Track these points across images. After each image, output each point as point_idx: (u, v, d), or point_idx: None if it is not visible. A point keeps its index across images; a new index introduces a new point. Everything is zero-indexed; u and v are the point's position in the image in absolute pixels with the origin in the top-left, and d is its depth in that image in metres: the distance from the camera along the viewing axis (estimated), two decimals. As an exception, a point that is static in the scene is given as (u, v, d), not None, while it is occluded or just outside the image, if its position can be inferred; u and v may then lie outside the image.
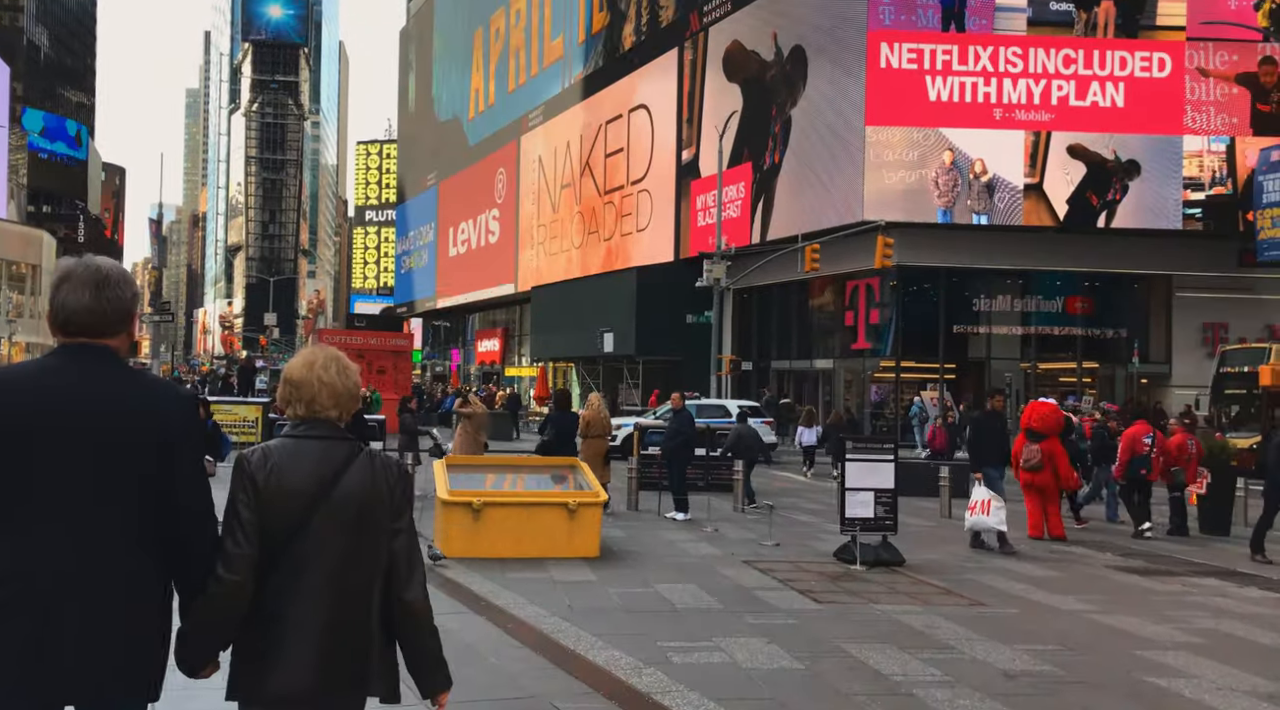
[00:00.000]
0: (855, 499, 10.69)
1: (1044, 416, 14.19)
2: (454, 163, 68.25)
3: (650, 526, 13.27)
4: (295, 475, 2.75)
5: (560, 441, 13.36)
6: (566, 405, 14.22)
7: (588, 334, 41.78)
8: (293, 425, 2.91)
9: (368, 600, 2.77)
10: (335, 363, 2.93)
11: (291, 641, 2.68)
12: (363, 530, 2.77)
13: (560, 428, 13.55)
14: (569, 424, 13.92)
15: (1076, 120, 32.73)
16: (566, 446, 13.36)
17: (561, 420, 13.72)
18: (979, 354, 36.11)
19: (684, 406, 15.06)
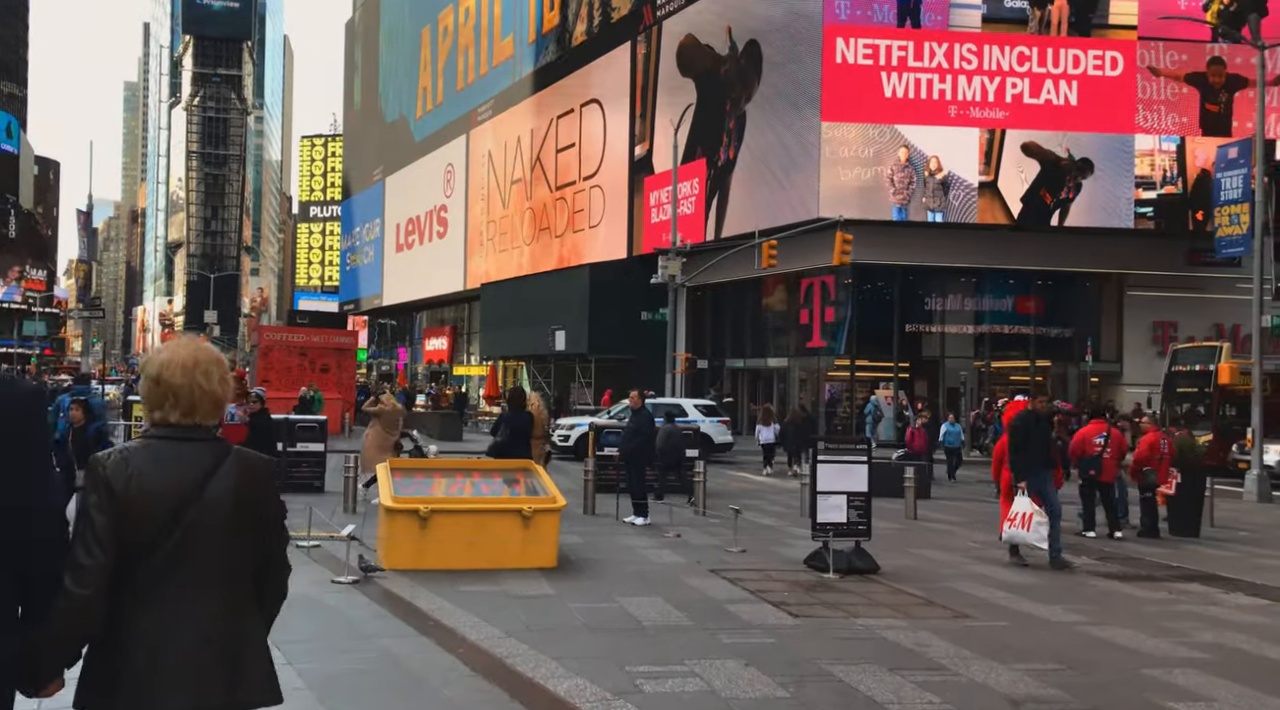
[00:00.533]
0: (827, 503, 10.12)
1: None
2: (401, 158, 66.96)
3: (609, 532, 12.60)
4: (159, 479, 2.59)
5: (514, 443, 12.65)
6: (521, 404, 13.50)
7: (539, 332, 40.99)
8: (153, 427, 2.70)
9: (242, 606, 2.67)
10: (217, 368, 2.77)
11: (158, 656, 2.52)
12: (235, 535, 2.64)
13: (515, 428, 12.85)
14: (524, 424, 13.21)
15: (1030, 118, 32.66)
16: (521, 448, 12.67)
17: (516, 420, 13.01)
18: (933, 353, 35.97)
19: (643, 405, 14.41)
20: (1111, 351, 35.52)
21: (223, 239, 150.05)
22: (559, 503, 10.02)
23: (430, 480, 10.51)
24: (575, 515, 13.51)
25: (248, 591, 2.71)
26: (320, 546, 10.64)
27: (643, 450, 14.03)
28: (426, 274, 60.79)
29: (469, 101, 57.42)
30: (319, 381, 31.27)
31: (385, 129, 70.74)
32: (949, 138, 32.46)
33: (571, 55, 46.81)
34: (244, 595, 2.70)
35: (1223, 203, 21.12)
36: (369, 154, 73.92)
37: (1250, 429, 20.75)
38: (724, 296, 40.12)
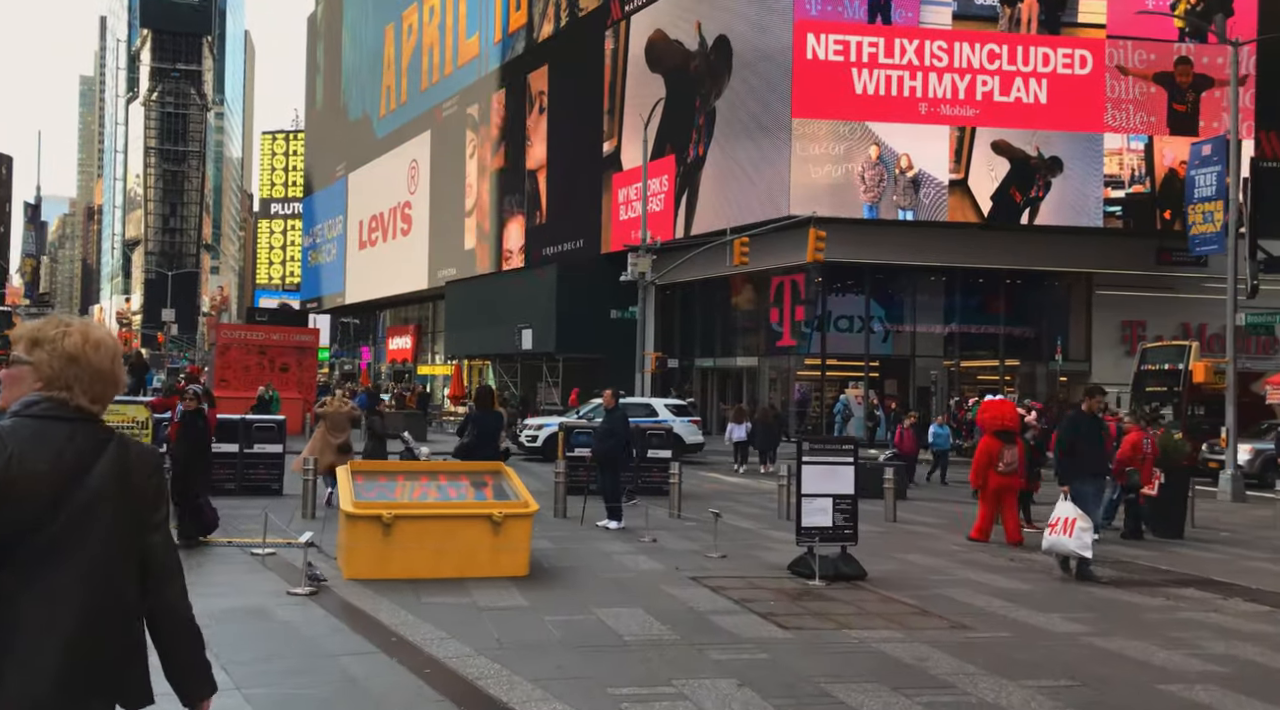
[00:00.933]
0: (812, 506, 9.67)
1: (1013, 417, 13.62)
2: (364, 154, 65.93)
3: (582, 536, 12.08)
4: (39, 462, 2.40)
5: (482, 444, 12.09)
6: (489, 403, 12.93)
7: (505, 331, 40.35)
8: (32, 404, 2.47)
9: (121, 601, 2.51)
10: (116, 354, 2.61)
11: (26, 649, 2.35)
12: (116, 525, 2.49)
13: (483, 428, 12.28)
14: (493, 424, 12.65)
15: (1001, 116, 32.51)
16: (489, 449, 12.11)
17: (484, 420, 12.45)
18: (903, 351, 35.73)
19: (617, 405, 13.87)
20: (1080, 350, 35.47)
21: (182, 236, 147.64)
22: (531, 507, 9.48)
23: (394, 484, 9.93)
24: (546, 519, 12.98)
25: (124, 586, 2.54)
26: (276, 554, 10.04)
27: (617, 452, 13.53)
28: (390, 272, 59.87)
29: (434, 99, 56.60)
30: (278, 381, 30.44)
31: (348, 125, 69.68)
32: (919, 135, 32.24)
33: (539, 50, 46.16)
34: (118, 590, 2.52)
35: (1196, 200, 20.97)
36: (331, 150, 72.79)
37: (1224, 428, 20.61)
38: (693, 295, 39.69)
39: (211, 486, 13.81)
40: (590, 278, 38.38)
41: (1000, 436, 12.98)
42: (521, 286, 41.62)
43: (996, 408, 13.62)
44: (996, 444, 13.01)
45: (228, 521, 12.71)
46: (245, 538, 11.07)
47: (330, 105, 74.18)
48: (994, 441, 13.02)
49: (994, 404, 13.74)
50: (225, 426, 16.39)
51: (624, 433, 13.50)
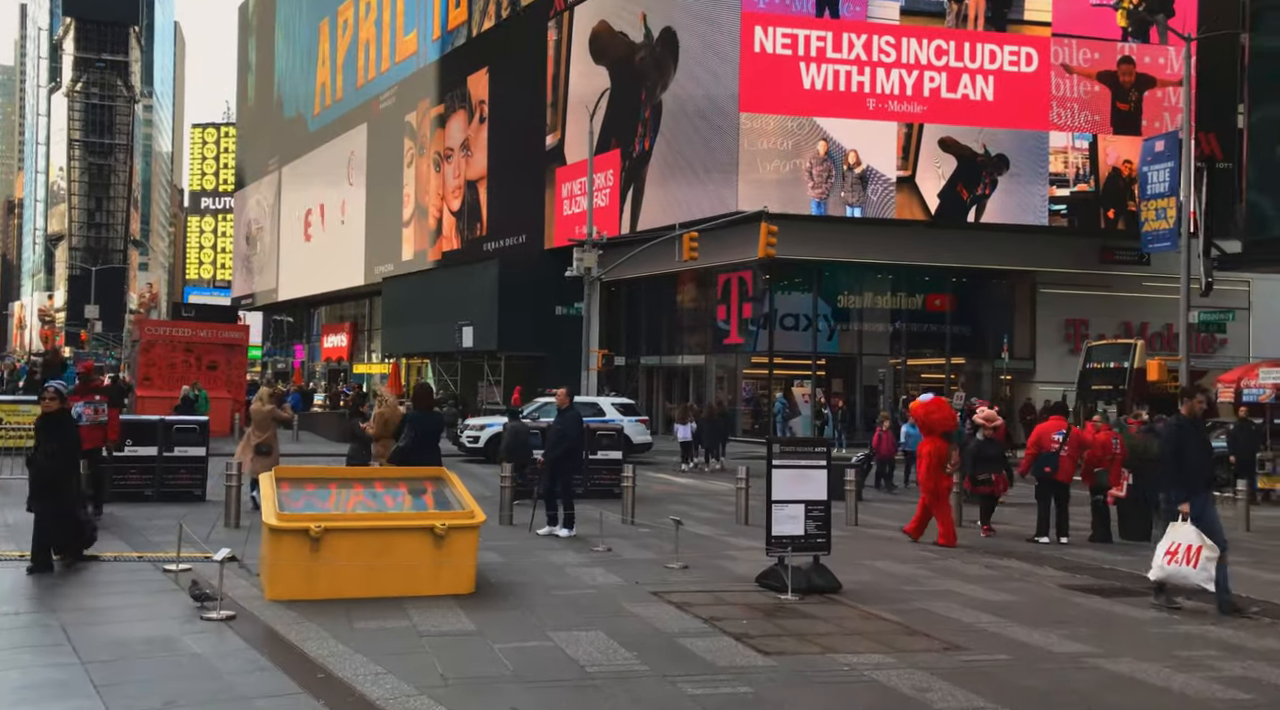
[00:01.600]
0: (783, 513, 8.95)
1: (953, 418, 13.25)
2: (298, 147, 64.10)
3: (531, 546, 11.23)
4: None
5: (422, 447, 11.17)
6: (428, 403, 12.01)
7: (445, 328, 39.21)
8: None
9: None
10: None
11: None
12: None
13: (422, 430, 11.36)
14: (432, 426, 11.72)
15: (948, 113, 32.27)
16: (429, 453, 11.19)
17: (423, 422, 11.52)
18: (850, 349, 35.35)
19: (571, 405, 12.98)
20: (1024, 349, 35.42)
21: (108, 232, 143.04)
22: (477, 518, 8.62)
23: (324, 492, 8.98)
24: (492, 527, 12.08)
25: None
26: (191, 570, 9.03)
27: (572, 455, 12.63)
28: (325, 268, 58.18)
29: (370, 94, 55.10)
30: (206, 380, 29.04)
31: (281, 118, 67.76)
32: (867, 131, 31.85)
33: (479, 42, 45.02)
34: None
35: (1149, 197, 20.77)
36: (264, 143, 70.73)
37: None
38: (639, 292, 38.96)
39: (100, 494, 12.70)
40: (533, 274, 37.44)
41: (948, 437, 12.72)
42: (462, 283, 40.49)
43: (942, 407, 13.10)
44: (945, 445, 12.65)
45: (142, 531, 11.65)
46: (157, 552, 10.03)
47: (263, 98, 72.10)
48: (944, 443, 12.62)
49: (935, 403, 13.14)
50: (142, 428, 15.26)
51: (577, 435, 12.64)
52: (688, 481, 20.86)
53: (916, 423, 12.90)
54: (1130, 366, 28.53)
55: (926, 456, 12.53)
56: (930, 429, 12.66)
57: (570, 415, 12.61)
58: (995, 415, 13.68)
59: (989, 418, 13.28)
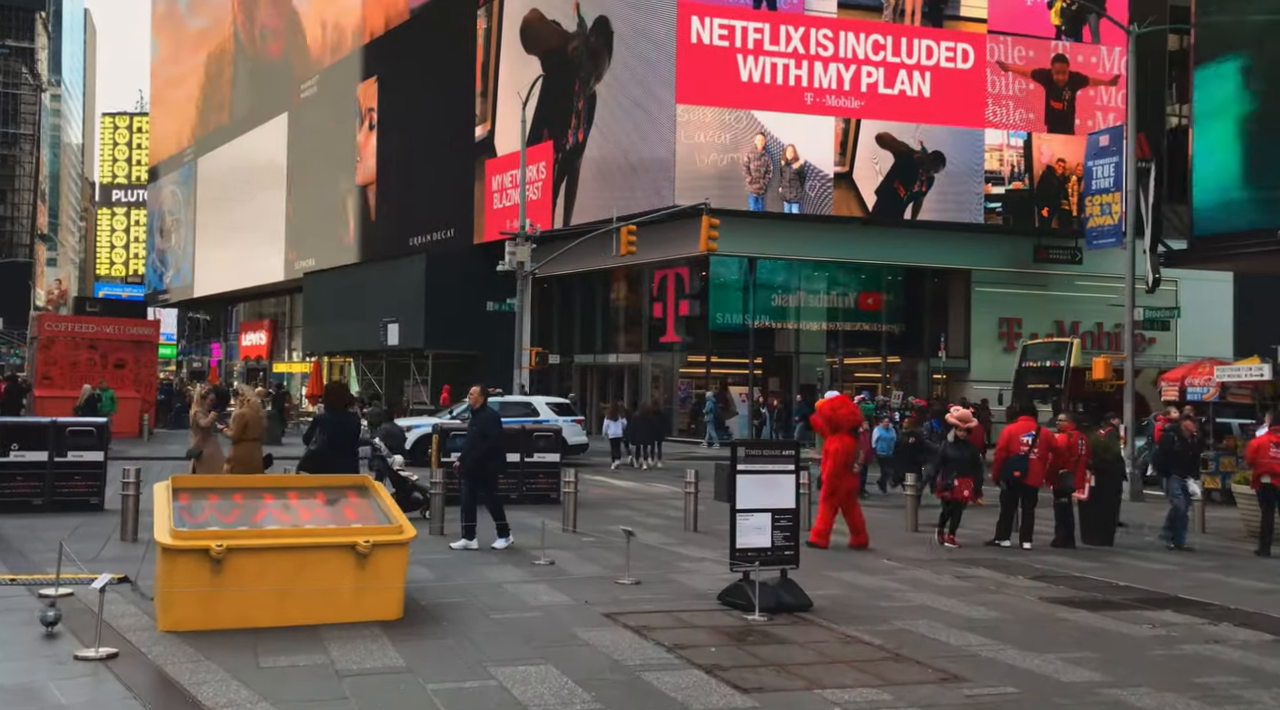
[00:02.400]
0: (748, 524, 8.10)
1: (857, 414, 12.87)
2: (216, 137, 61.68)
3: (465, 560, 10.22)
4: None
5: (337, 452, 10.06)
6: (344, 403, 10.88)
7: (369, 325, 37.74)
8: None
9: None
10: None
11: None
12: None
13: (336, 432, 10.23)
14: (348, 428, 10.59)
15: (885, 108, 31.91)
16: (346, 459, 10.10)
17: (338, 424, 10.40)
18: (786, 348, 34.82)
19: (486, 404, 11.95)
20: (959, 347, 35.22)
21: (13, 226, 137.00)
22: (406, 533, 7.59)
23: (228, 504, 7.87)
24: (421, 537, 11.02)
25: None
26: (74, 594, 7.84)
27: (493, 457, 11.62)
28: (244, 263, 56.02)
29: (292, 80, 53.11)
30: (113, 379, 27.37)
31: (197, 107, 65.17)
32: (805, 126, 31.33)
33: (406, 29, 43.53)
34: None
35: (1094, 192, 20.48)
36: (179, 133, 68.00)
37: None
38: (572, 289, 37.98)
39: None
40: (462, 269, 36.24)
41: (854, 433, 12.40)
42: (387, 278, 39.04)
43: (846, 403, 12.61)
44: (853, 442, 12.28)
45: (22, 547, 10.36)
46: (37, 573, 8.80)
47: (177, 86, 69.31)
48: (851, 440, 12.19)
49: (839, 400, 12.64)
50: (29, 431, 13.86)
51: (497, 435, 11.56)
52: (628, 484, 19.97)
53: (823, 420, 12.31)
54: (1066, 365, 28.39)
55: (832, 454, 11.97)
56: (837, 426, 12.09)
57: (487, 414, 11.55)
58: (970, 416, 13.02)
59: (963, 418, 12.62)
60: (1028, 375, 29.47)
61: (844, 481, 12.03)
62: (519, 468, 15.65)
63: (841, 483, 11.98)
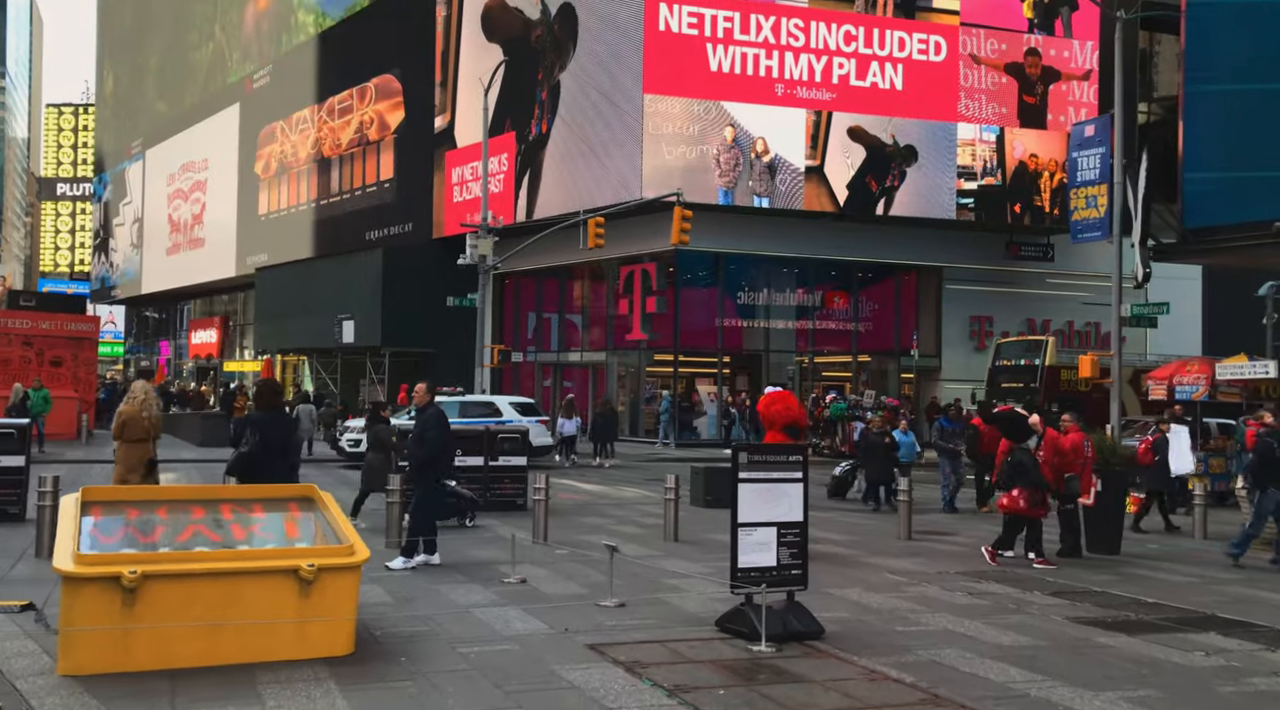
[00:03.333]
0: (750, 540, 7.13)
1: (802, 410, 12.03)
2: (164, 127, 59.71)
3: (425, 580, 9.14)
4: None
5: (271, 455, 8.85)
6: (276, 401, 9.66)
7: (324, 322, 36.35)
8: None
9: None
10: None
11: None
12: None
13: (269, 434, 9.01)
14: (282, 429, 9.36)
15: (857, 101, 31.15)
16: (279, 463, 8.89)
17: (271, 424, 9.15)
18: (756, 346, 33.97)
19: (432, 403, 10.63)
20: (930, 346, 34.58)
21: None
22: (358, 554, 6.51)
23: (149, 521, 6.74)
24: (376, 552, 9.95)
25: None
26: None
27: (435, 462, 10.30)
28: (194, 258, 54.19)
29: (243, 68, 51.40)
30: (49, 377, 25.85)
31: (145, 97, 63.12)
32: (776, 118, 30.47)
33: (361, 17, 42.12)
34: None
35: (1079, 184, 19.75)
36: (127, 122, 65.85)
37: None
38: (535, 285, 36.86)
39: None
40: (420, 263, 35.00)
41: (789, 432, 11.40)
42: (343, 273, 37.67)
43: (781, 399, 11.73)
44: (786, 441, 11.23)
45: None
46: (-72, 600, 7.61)
47: (126, 71, 67.13)
48: (784, 438, 11.26)
49: (776, 395, 11.78)
50: (-62, 435, 12.57)
51: (441, 437, 10.28)
52: (596, 488, 18.96)
53: (761, 417, 11.57)
54: (1042, 364, 27.87)
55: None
56: (771, 423, 11.37)
57: (429, 414, 10.31)
58: (1040, 422, 12.06)
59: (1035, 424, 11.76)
60: (1002, 374, 28.88)
61: None
62: (483, 472, 14.59)
63: None
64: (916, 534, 12.90)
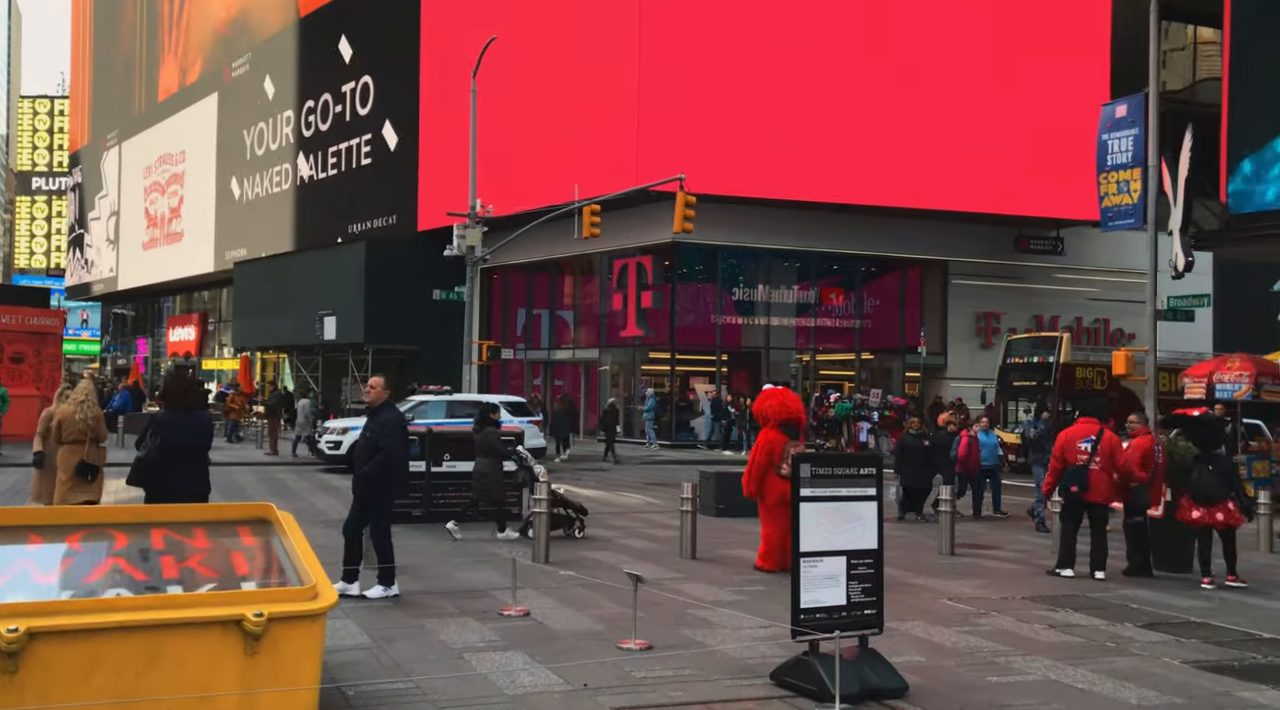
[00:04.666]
0: (816, 572, 5.73)
1: (801, 406, 10.68)
2: (141, 119, 57.92)
3: (412, 612, 7.69)
4: None
5: (176, 461, 7.16)
6: (185, 399, 7.59)
7: (305, 318, 34.80)
8: None
9: None
10: None
11: None
12: None
13: (175, 436, 7.22)
14: (194, 431, 7.46)
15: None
16: (188, 471, 7.19)
17: (180, 425, 7.32)
18: (755, 343, 32.60)
19: (389, 401, 8.67)
20: (935, 343, 33.28)
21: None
22: (322, 600, 5.01)
23: (52, 553, 5.26)
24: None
25: None
26: None
27: (387, 473, 8.29)
28: (172, 253, 52.45)
29: (222, 56, 49.68)
30: (9, 375, 24.31)
31: (121, 87, 61.29)
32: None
33: (344, 2, 40.51)
34: None
35: (1109, 168, 18.41)
36: (103, 114, 64.02)
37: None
38: (524, 280, 35.40)
39: None
40: (405, 257, 33.50)
41: (785, 429, 10.22)
42: (324, 267, 36.10)
43: (775, 397, 10.48)
44: (781, 439, 10.10)
45: None
46: None
47: (101, 62, 65.26)
48: (778, 435, 10.11)
49: (776, 391, 10.57)
50: None
51: (391, 447, 8.30)
52: (595, 493, 17.54)
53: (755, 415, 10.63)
54: (1056, 361, 26.63)
55: (753, 451, 10.28)
56: (764, 419, 10.30)
57: (385, 418, 8.44)
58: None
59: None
60: (1012, 372, 27.65)
61: (769, 485, 10.08)
62: (474, 480, 13.14)
63: (768, 486, 10.09)
64: (960, 548, 11.56)
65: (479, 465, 12.12)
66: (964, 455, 15.18)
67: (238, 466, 21.06)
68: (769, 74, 28.47)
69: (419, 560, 9.92)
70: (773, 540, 9.97)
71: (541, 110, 30.50)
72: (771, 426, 10.19)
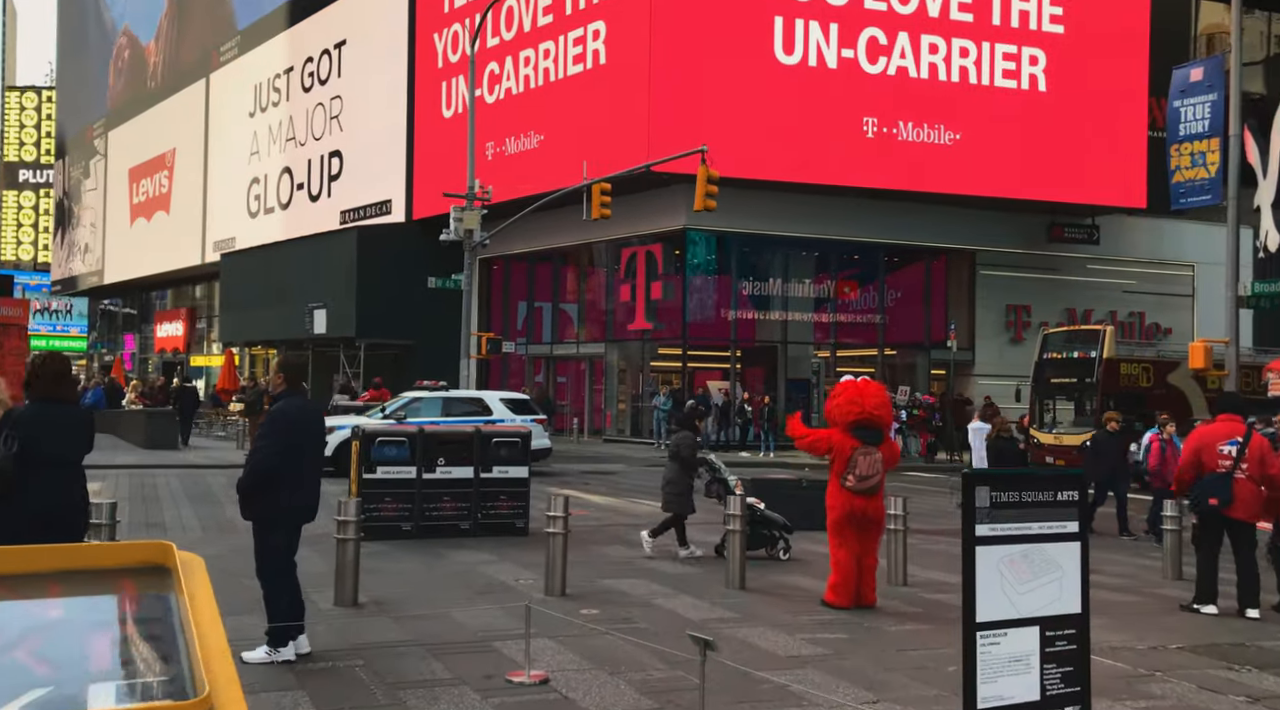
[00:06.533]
0: (998, 652, 3.74)
1: (883, 403, 8.29)
2: (128, 108, 55.97)
3: (386, 680, 5.70)
4: None
5: (38, 469, 5.09)
6: (54, 389, 5.45)
7: (294, 311, 32.88)
8: None
9: None
10: None
11: None
12: None
13: (40, 436, 5.21)
14: (69, 428, 5.45)
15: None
16: (54, 486, 5.18)
17: (43, 422, 5.30)
18: (771, 337, 30.65)
19: (300, 391, 6.59)
20: (963, 337, 31.32)
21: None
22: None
23: None
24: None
25: None
26: None
27: (273, 486, 6.04)
28: (160, 246, 50.47)
29: (210, 40, 47.68)
30: (-32, 370, 22.20)
31: (106, 76, 59.33)
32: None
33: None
34: None
35: (1182, 138, 16.54)
36: (89, 104, 62.08)
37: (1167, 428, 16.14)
38: (525, 270, 33.48)
39: None
40: (399, 247, 31.59)
41: (858, 433, 8.02)
42: (314, 258, 34.17)
43: (862, 389, 8.25)
44: (848, 443, 7.98)
45: None
46: None
47: (87, 50, 63.27)
48: (844, 438, 8.02)
49: (862, 385, 8.35)
50: None
51: (266, 445, 6.12)
52: (607, 501, 15.61)
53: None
54: (1099, 357, 24.65)
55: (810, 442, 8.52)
56: (832, 422, 8.28)
57: (280, 408, 6.22)
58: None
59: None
60: (1050, 368, 25.71)
61: (837, 500, 8.07)
62: (472, 486, 11.19)
63: (836, 502, 8.09)
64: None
65: (668, 474, 10.72)
66: (1156, 465, 12.62)
67: (210, 469, 19.17)
68: (788, 49, 26.53)
69: (404, 591, 7.97)
70: (846, 569, 8.02)
71: (545, 87, 28.55)
72: (841, 430, 8.17)
